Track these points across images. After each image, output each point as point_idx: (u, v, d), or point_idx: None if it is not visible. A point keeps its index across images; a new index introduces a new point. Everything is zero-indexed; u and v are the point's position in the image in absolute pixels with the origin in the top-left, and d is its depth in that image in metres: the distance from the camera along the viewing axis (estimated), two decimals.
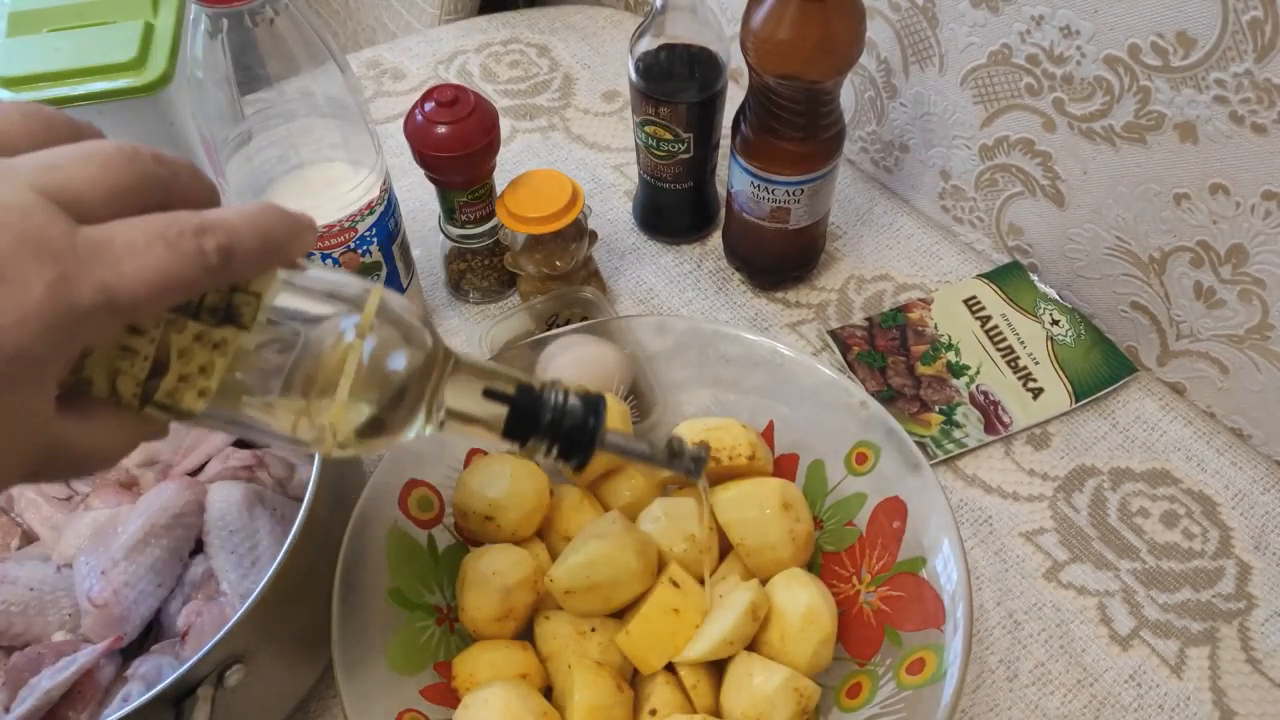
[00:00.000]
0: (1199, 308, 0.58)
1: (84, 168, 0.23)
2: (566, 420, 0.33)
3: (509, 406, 0.32)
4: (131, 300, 0.22)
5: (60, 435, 0.24)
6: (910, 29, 0.65)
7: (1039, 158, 0.62)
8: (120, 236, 0.22)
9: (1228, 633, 0.52)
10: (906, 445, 0.48)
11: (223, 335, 0.26)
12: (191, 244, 0.23)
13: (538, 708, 0.42)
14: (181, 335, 0.26)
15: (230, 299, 0.26)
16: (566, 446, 0.33)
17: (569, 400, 0.33)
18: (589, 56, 0.88)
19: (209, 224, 0.24)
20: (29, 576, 0.45)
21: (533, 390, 0.33)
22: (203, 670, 0.37)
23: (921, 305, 0.66)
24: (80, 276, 0.21)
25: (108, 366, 0.25)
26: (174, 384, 0.26)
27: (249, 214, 0.25)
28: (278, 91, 0.49)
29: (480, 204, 0.62)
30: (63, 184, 0.22)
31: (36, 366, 0.22)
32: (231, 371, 0.27)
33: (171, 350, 0.26)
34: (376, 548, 0.46)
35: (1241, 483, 0.58)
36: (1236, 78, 0.49)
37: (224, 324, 0.26)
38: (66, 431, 0.24)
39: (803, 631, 0.43)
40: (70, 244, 0.22)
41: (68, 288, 0.21)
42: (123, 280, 0.22)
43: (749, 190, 0.61)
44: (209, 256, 0.24)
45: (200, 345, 0.26)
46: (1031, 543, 0.56)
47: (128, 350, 0.25)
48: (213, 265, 0.24)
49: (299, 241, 0.27)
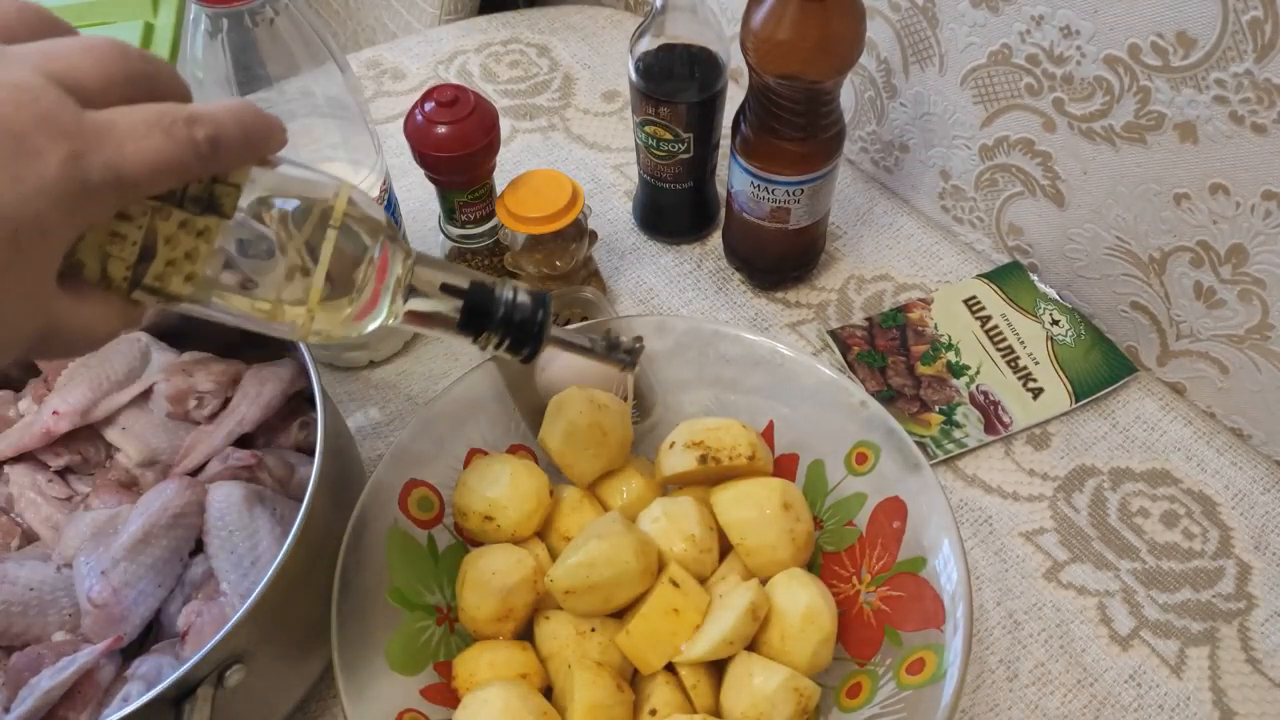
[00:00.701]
0: (1199, 308, 0.58)
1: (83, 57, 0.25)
2: (517, 314, 0.36)
3: (463, 301, 0.35)
4: (134, 179, 0.24)
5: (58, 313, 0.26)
6: (910, 29, 0.65)
7: (1039, 158, 0.62)
8: (122, 121, 0.24)
9: (1228, 633, 0.52)
10: (906, 445, 0.48)
11: (206, 223, 0.28)
12: (184, 132, 0.25)
13: (538, 708, 0.42)
14: (167, 223, 0.28)
15: (211, 189, 0.28)
16: (516, 338, 0.37)
17: (519, 296, 0.36)
18: (589, 56, 0.88)
19: (198, 115, 0.26)
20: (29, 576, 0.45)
21: (485, 285, 0.36)
22: (203, 670, 0.37)
23: (921, 305, 0.66)
24: (90, 154, 0.23)
25: (99, 251, 0.27)
26: (161, 268, 0.28)
27: (232, 109, 0.27)
28: (278, 91, 0.49)
29: (480, 204, 0.62)
30: (65, 70, 0.24)
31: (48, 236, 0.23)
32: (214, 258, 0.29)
33: (159, 237, 0.28)
34: (376, 548, 0.46)
35: (1241, 483, 0.58)
36: (1236, 78, 0.49)
37: (206, 212, 0.28)
38: (64, 310, 0.26)
39: (803, 631, 0.43)
40: (79, 124, 0.23)
41: (80, 163, 0.23)
42: (126, 161, 0.24)
43: (749, 190, 0.61)
44: (200, 145, 0.26)
45: (185, 232, 0.28)
46: (1031, 543, 0.56)
47: (117, 236, 0.27)
48: (203, 153, 0.26)
49: (274, 139, 0.29)
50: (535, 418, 0.51)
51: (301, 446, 0.52)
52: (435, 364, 0.65)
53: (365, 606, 0.44)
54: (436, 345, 0.66)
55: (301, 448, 0.52)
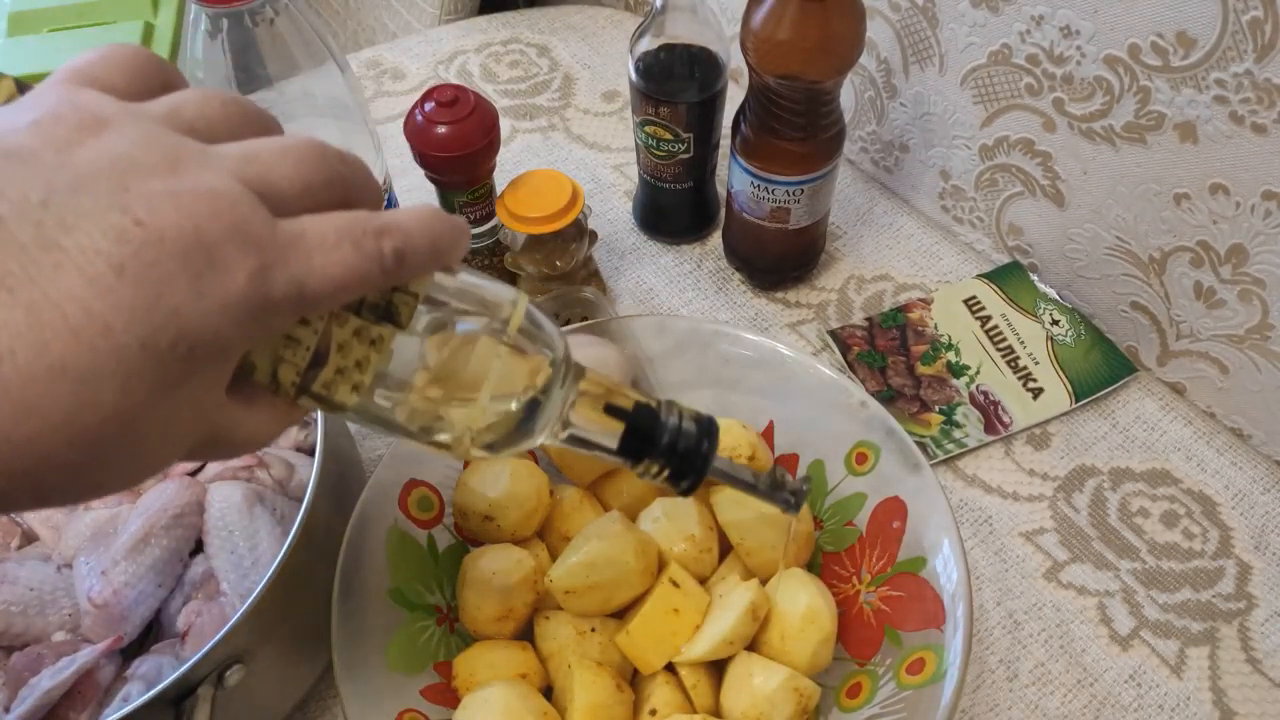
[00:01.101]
0: (1199, 308, 0.58)
1: (281, 161, 0.24)
2: (681, 442, 0.33)
3: (626, 424, 0.33)
4: (317, 294, 0.23)
5: (224, 422, 0.25)
6: (910, 29, 0.65)
7: (1039, 158, 0.62)
8: (312, 231, 0.23)
9: (1228, 633, 0.52)
10: (906, 445, 0.48)
11: (380, 332, 0.27)
12: (373, 245, 0.24)
13: (538, 708, 0.42)
14: (343, 329, 0.26)
15: (391, 297, 0.27)
16: (679, 469, 0.34)
17: (684, 423, 0.34)
18: (589, 56, 0.88)
19: (388, 226, 0.25)
20: (29, 576, 0.45)
21: (651, 409, 0.33)
22: (203, 670, 0.37)
23: (921, 305, 0.66)
24: (277, 268, 0.22)
25: (272, 354, 0.26)
26: (331, 375, 0.27)
27: (421, 218, 0.26)
28: (278, 91, 0.49)
29: (480, 204, 0.62)
30: (262, 175, 0.23)
31: (225, 351, 0.22)
32: (383, 367, 0.27)
33: (332, 343, 0.26)
34: (376, 548, 0.46)
35: (1241, 483, 0.58)
36: (1236, 78, 0.49)
37: (382, 321, 0.27)
38: (230, 416, 0.25)
39: (803, 631, 0.43)
40: (271, 235, 0.22)
41: (266, 278, 0.22)
42: (312, 275, 0.23)
43: (749, 190, 0.61)
44: (386, 258, 0.24)
45: (359, 340, 0.26)
46: (1031, 543, 0.56)
47: (292, 340, 0.26)
48: (389, 267, 0.24)
49: (459, 247, 0.28)
50: None
51: (301, 446, 0.52)
52: None
53: (365, 606, 0.44)
54: None
55: (301, 448, 0.52)
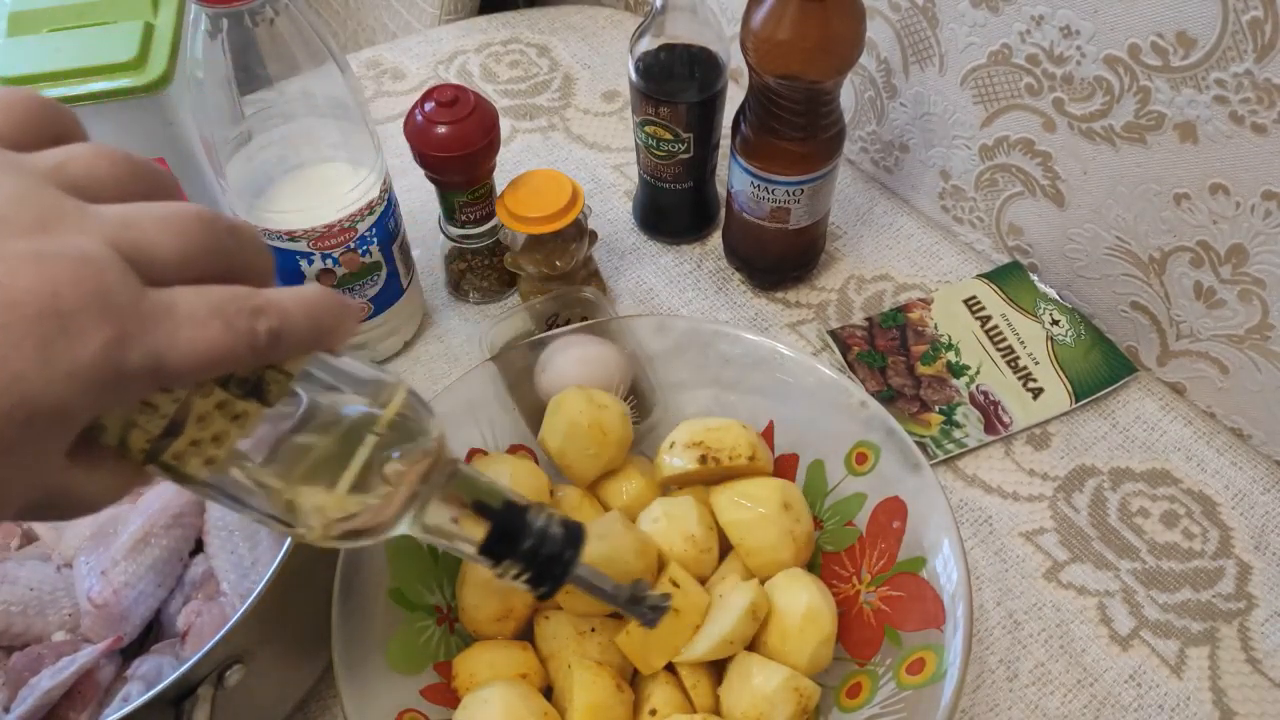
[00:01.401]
0: (1199, 308, 0.58)
1: (162, 229, 0.23)
2: (545, 548, 0.33)
3: (492, 524, 0.32)
4: (177, 369, 0.22)
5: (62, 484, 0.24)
6: (910, 29, 0.65)
7: (1039, 158, 0.62)
8: (182, 305, 0.22)
9: (1228, 633, 0.52)
10: (906, 445, 0.48)
11: (245, 408, 0.26)
12: (246, 323, 0.23)
13: (538, 708, 0.42)
14: (205, 401, 0.25)
15: (262, 374, 0.26)
16: (538, 574, 0.33)
17: (551, 527, 0.33)
18: (589, 56, 0.88)
19: (266, 305, 0.24)
20: (29, 576, 0.45)
21: (519, 510, 0.33)
22: (203, 670, 0.37)
23: (921, 305, 0.66)
24: (135, 339, 0.21)
25: (123, 418, 0.25)
26: (184, 447, 0.25)
27: (304, 299, 0.25)
28: (278, 91, 0.49)
29: (480, 204, 0.62)
30: (138, 241, 0.22)
31: (66, 420, 0.21)
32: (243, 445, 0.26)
33: (191, 414, 0.25)
34: (376, 548, 0.46)
35: (1241, 483, 0.58)
36: (1236, 78, 0.49)
37: (249, 397, 0.26)
38: (69, 481, 0.24)
39: (803, 631, 0.43)
40: (134, 305, 0.22)
41: (121, 349, 0.21)
42: (174, 350, 0.22)
43: (749, 190, 0.61)
44: (259, 338, 0.24)
45: (221, 414, 0.25)
46: (1031, 543, 0.56)
47: (148, 406, 0.25)
48: (260, 346, 0.24)
49: (344, 330, 0.27)
50: (535, 418, 0.51)
51: None
52: (435, 365, 0.65)
53: (365, 606, 0.44)
54: (437, 346, 0.66)
55: None
